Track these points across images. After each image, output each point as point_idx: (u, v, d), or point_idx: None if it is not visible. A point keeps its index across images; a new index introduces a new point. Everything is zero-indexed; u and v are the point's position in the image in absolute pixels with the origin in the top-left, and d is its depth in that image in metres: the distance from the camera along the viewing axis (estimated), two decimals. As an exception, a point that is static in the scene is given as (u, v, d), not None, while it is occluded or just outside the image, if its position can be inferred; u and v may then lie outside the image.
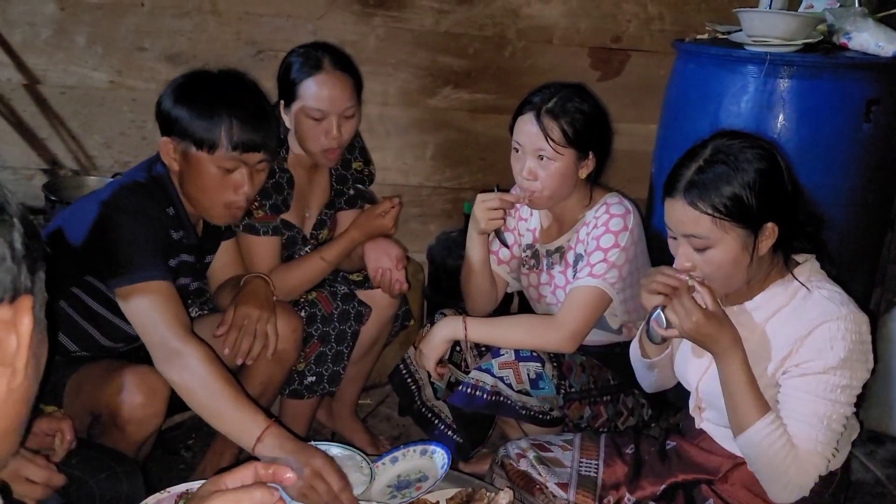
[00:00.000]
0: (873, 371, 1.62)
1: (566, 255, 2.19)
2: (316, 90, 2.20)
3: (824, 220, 1.73)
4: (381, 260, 2.30)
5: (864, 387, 1.63)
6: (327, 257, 2.29)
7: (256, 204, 2.23)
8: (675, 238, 1.65)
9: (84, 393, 1.91)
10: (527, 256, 2.31)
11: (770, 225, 1.58)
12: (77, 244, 1.86)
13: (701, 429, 1.82)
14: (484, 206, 2.14)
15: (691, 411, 1.84)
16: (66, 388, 1.94)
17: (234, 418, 1.69)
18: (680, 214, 1.60)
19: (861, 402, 1.67)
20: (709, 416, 1.79)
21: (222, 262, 2.21)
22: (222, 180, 1.89)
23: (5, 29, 2.88)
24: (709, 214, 1.56)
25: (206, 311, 2.29)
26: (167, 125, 1.91)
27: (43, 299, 0.76)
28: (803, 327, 1.59)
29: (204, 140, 1.86)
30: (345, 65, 2.27)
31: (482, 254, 2.24)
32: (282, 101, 2.28)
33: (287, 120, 2.28)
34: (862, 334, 1.58)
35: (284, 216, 2.34)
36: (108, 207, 1.84)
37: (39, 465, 1.43)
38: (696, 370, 1.77)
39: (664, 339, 1.80)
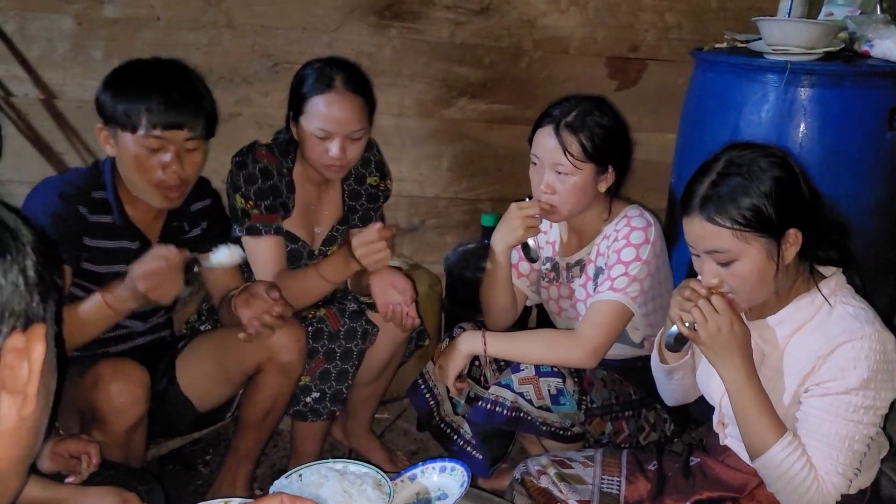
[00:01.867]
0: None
1: (586, 268, 2.16)
2: (324, 110, 2.17)
3: (849, 228, 1.70)
4: (389, 293, 2.21)
5: (893, 403, 1.59)
6: (326, 275, 2.19)
7: (251, 204, 2.23)
8: (698, 256, 1.63)
9: (68, 393, 1.91)
10: (547, 269, 2.28)
11: (792, 231, 1.56)
12: None
13: (725, 445, 1.79)
14: (522, 214, 2.11)
15: (715, 427, 1.81)
16: None
17: (82, 318, 1.82)
18: (698, 230, 1.58)
19: (888, 418, 1.63)
20: (733, 433, 1.75)
21: (221, 272, 2.16)
22: (149, 160, 1.94)
23: (23, 44, 2.89)
24: (728, 227, 1.54)
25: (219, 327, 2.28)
26: (99, 112, 1.98)
27: (54, 329, 0.75)
28: (826, 344, 1.55)
29: (126, 121, 1.92)
30: (358, 86, 2.23)
31: (507, 271, 2.22)
32: (291, 112, 2.26)
33: (294, 131, 2.26)
34: (887, 353, 1.54)
35: (289, 228, 2.32)
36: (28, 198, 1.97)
37: None
38: (719, 385, 1.73)
39: (679, 348, 1.76)
